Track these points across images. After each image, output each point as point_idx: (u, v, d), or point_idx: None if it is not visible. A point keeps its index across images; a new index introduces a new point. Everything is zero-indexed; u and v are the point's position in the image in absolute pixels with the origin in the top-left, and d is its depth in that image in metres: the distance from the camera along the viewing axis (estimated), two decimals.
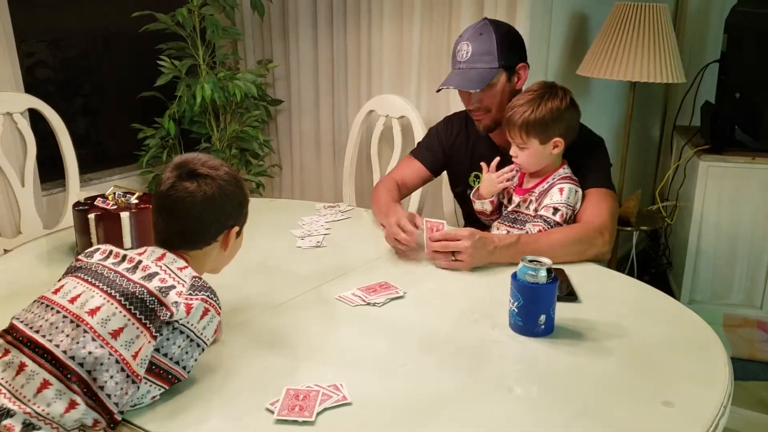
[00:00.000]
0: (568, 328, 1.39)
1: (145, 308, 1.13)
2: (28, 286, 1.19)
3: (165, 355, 1.15)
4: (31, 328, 1.12)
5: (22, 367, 1.08)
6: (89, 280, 1.17)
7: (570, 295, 1.52)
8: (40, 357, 1.09)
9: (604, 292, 1.59)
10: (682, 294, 3.00)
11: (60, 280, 1.22)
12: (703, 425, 1.09)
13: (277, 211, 2.20)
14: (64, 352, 1.08)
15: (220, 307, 1.22)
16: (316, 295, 1.56)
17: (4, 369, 1.09)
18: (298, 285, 1.61)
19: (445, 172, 2.19)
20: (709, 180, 2.86)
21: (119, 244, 1.62)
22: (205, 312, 1.18)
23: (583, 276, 1.63)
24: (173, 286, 1.17)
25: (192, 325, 1.17)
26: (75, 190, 2.65)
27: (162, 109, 2.91)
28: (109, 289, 1.14)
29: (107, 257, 1.23)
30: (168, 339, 1.15)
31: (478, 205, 1.94)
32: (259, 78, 2.97)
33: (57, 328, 1.11)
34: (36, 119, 2.58)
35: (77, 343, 1.09)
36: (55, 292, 1.17)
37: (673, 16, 3.31)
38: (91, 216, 1.68)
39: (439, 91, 1.94)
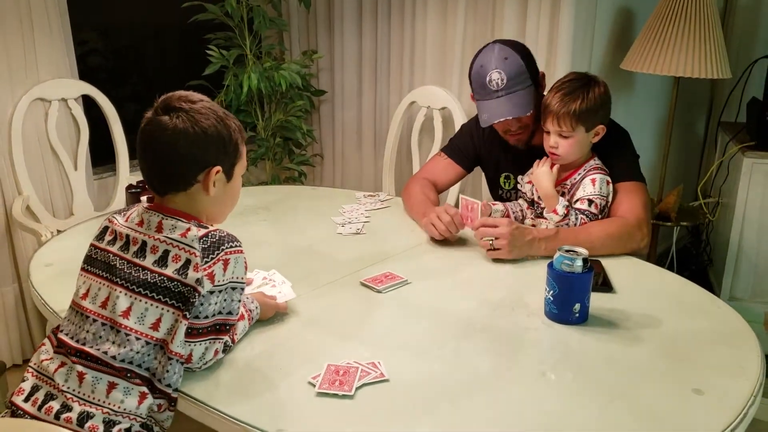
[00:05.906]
0: (603, 318, 1.42)
1: (173, 294, 1.14)
2: (80, 265, 1.26)
3: (206, 317, 1.18)
4: (77, 341, 1.17)
5: (81, 376, 1.13)
6: (107, 277, 1.18)
7: (605, 286, 1.54)
8: (95, 363, 1.14)
9: (639, 284, 1.61)
10: (722, 291, 2.97)
11: (81, 271, 1.24)
12: (732, 413, 1.10)
13: (320, 199, 2.25)
14: (114, 357, 1.13)
15: (239, 244, 1.20)
16: (355, 279, 1.61)
17: (66, 380, 1.14)
18: (338, 269, 1.66)
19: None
20: (753, 177, 2.82)
21: None
22: (226, 263, 1.17)
23: (619, 268, 1.65)
24: (188, 261, 1.15)
25: (220, 282, 1.17)
26: (125, 174, 2.73)
27: (210, 98, 2.97)
28: (128, 284, 1.16)
29: (114, 241, 1.22)
30: (201, 305, 1.17)
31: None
32: (303, 69, 3.02)
33: (101, 337, 1.15)
34: (88, 105, 2.67)
35: (124, 347, 1.13)
36: (84, 296, 1.20)
37: (722, 9, 3.26)
38: (144, 198, 1.76)
39: (487, 126, 1.85)
